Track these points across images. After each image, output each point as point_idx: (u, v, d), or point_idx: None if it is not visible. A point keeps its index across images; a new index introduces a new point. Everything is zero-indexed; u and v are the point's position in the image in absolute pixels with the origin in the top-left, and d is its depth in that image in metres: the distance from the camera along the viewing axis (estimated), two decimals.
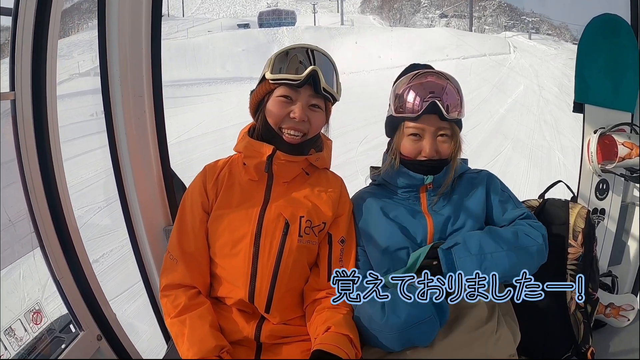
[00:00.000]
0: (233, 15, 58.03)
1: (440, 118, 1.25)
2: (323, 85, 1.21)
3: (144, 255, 1.74)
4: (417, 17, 63.77)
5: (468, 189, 1.33)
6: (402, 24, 61.84)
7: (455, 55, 35.13)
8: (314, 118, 1.25)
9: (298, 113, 1.21)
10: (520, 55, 33.45)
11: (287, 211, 1.23)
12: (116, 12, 1.47)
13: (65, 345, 1.47)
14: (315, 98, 1.24)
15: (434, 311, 1.11)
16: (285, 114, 1.22)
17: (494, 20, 61.60)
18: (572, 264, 1.41)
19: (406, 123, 1.28)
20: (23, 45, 1.21)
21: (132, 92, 1.58)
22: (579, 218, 1.43)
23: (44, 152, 1.36)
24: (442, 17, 63.16)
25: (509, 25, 57.82)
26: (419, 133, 1.27)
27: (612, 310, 1.66)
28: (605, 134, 1.74)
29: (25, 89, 1.25)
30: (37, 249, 1.39)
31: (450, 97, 1.26)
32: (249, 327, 1.21)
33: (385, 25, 59.77)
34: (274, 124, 1.24)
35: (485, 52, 35.16)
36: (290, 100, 1.22)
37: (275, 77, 1.21)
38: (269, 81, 1.23)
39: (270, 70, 1.23)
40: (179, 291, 1.22)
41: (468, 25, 60.00)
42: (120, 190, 1.66)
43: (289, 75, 1.20)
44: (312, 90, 1.22)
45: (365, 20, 61.22)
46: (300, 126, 1.23)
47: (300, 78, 1.20)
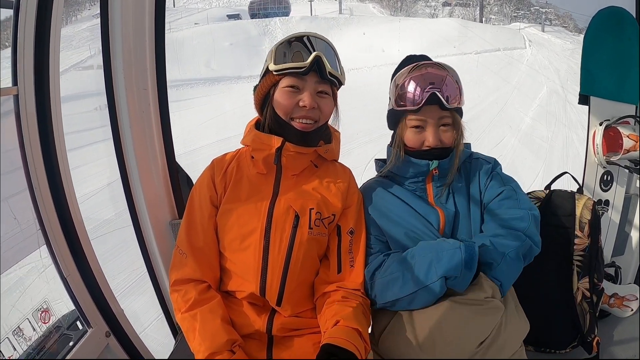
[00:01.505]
0: (226, 4, 53.31)
1: (441, 108, 1.25)
2: (329, 69, 1.20)
3: (150, 249, 1.73)
4: (419, 6, 60.66)
5: (472, 177, 1.33)
6: (403, 12, 58.40)
7: (468, 49, 31.02)
8: (324, 104, 1.24)
9: (308, 101, 1.20)
10: (537, 50, 29.99)
11: (297, 204, 1.23)
12: (119, 5, 1.43)
13: (73, 343, 1.46)
14: (322, 84, 1.22)
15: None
16: (294, 103, 1.21)
17: (500, 9, 58.15)
18: (578, 255, 1.42)
19: (408, 115, 1.28)
20: (25, 37, 1.18)
21: (136, 85, 1.55)
22: (585, 209, 1.44)
23: (48, 148, 1.34)
24: (445, 5, 60.34)
25: (519, 15, 54.03)
26: (421, 125, 1.27)
27: (615, 301, 1.68)
28: (610, 126, 1.75)
29: (28, 83, 1.23)
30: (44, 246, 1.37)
31: (450, 87, 1.26)
32: (261, 321, 1.21)
33: (386, 14, 56.12)
34: (284, 115, 1.22)
35: (499, 45, 31.40)
36: (297, 90, 1.21)
37: (279, 67, 1.20)
38: (272, 73, 1.21)
39: (274, 62, 1.21)
40: (189, 286, 1.21)
41: (475, 15, 56.32)
42: (125, 184, 1.64)
43: (294, 64, 1.19)
44: (318, 77, 1.21)
45: (365, 9, 56.98)
46: (311, 114, 1.22)
47: (305, 65, 1.18)
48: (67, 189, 1.43)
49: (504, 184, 1.30)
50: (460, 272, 1.11)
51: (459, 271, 1.11)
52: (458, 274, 1.11)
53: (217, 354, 1.11)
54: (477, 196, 1.31)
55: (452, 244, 1.15)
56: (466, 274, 1.12)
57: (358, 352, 1.09)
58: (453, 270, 1.11)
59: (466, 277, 1.13)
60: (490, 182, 1.31)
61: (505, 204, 1.26)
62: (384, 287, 1.22)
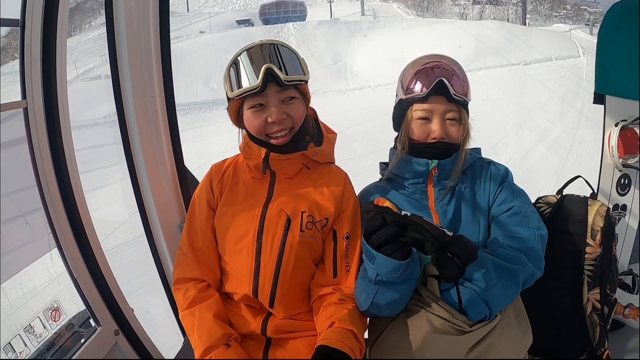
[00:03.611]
0: (243, 7, 49.42)
1: (448, 99, 1.24)
2: (284, 78, 1.18)
3: (160, 251, 1.78)
4: (447, 5, 56.80)
5: (480, 182, 1.31)
6: (430, 13, 54.79)
7: (515, 59, 25.99)
8: (293, 110, 1.23)
9: (275, 116, 1.20)
10: (592, 58, 21.63)
11: (289, 207, 1.25)
12: (123, 14, 1.47)
13: (84, 340, 1.53)
14: (284, 92, 1.21)
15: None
16: (263, 122, 1.21)
17: (535, 7, 52.23)
18: (589, 265, 1.37)
19: (414, 106, 1.28)
20: (32, 52, 1.23)
21: (144, 93, 1.60)
22: (597, 216, 1.39)
23: (58, 155, 1.41)
24: (475, 4, 56.23)
25: (560, 15, 48.87)
26: (427, 116, 1.27)
27: (631, 311, 1.61)
28: (627, 126, 1.67)
29: (37, 96, 1.28)
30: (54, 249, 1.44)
31: (457, 78, 1.26)
32: (256, 322, 1.24)
33: (412, 14, 51.94)
34: (257, 134, 1.24)
35: (549, 54, 26.65)
36: (262, 107, 1.21)
37: (235, 94, 1.21)
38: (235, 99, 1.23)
39: (230, 89, 1.23)
40: (189, 284, 1.27)
41: (509, 15, 50.85)
42: (136, 188, 1.70)
43: (247, 87, 1.18)
44: (277, 87, 1.20)
45: (389, 9, 52.21)
46: (283, 125, 1.22)
47: (258, 85, 1.17)
48: (76, 193, 1.49)
49: (515, 198, 1.27)
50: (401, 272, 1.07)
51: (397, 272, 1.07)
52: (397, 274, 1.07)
53: (214, 347, 1.15)
54: (484, 204, 1.28)
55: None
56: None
57: (353, 353, 1.09)
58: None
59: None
60: (501, 193, 1.28)
61: (513, 220, 1.23)
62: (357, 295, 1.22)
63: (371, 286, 1.13)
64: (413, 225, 1.00)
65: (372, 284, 1.12)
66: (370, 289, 1.13)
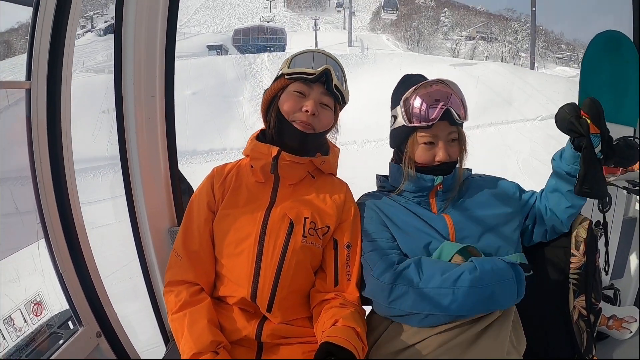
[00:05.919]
0: (225, 29, 44.89)
1: (450, 123, 1.30)
2: (335, 82, 1.28)
3: (147, 254, 1.75)
4: (438, 39, 54.93)
5: (476, 194, 1.37)
6: (421, 47, 52.05)
7: (530, 113, 20.46)
8: (324, 115, 1.30)
9: (310, 107, 1.26)
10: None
11: (292, 212, 1.26)
12: (133, 12, 1.50)
13: (63, 341, 1.46)
14: (326, 97, 1.30)
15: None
16: (298, 107, 1.27)
17: (528, 46, 46.95)
18: (574, 273, 1.41)
19: (419, 132, 1.31)
20: (42, 35, 1.24)
21: (145, 91, 1.62)
22: (581, 228, 1.44)
23: (55, 144, 1.39)
24: (468, 39, 54.84)
25: (564, 57, 46.27)
26: (432, 141, 1.31)
27: (614, 323, 1.65)
28: None
29: (41, 79, 1.28)
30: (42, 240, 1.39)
31: (457, 103, 1.30)
32: (250, 326, 1.22)
33: (401, 47, 49.01)
34: (287, 114, 1.29)
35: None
36: (303, 96, 1.28)
37: (292, 70, 1.28)
38: (284, 77, 1.30)
39: (288, 66, 1.30)
40: (181, 287, 1.24)
41: (503, 53, 47.76)
42: (127, 188, 1.68)
43: (305, 69, 1.28)
44: (324, 88, 1.29)
45: (378, 40, 49.77)
46: (311, 120, 1.28)
47: (315, 72, 1.27)
48: (70, 187, 1.47)
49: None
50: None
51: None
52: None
53: (201, 354, 1.12)
54: (486, 211, 1.33)
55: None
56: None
57: (356, 351, 1.08)
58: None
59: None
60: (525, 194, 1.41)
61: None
62: (417, 297, 1.18)
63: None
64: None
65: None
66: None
